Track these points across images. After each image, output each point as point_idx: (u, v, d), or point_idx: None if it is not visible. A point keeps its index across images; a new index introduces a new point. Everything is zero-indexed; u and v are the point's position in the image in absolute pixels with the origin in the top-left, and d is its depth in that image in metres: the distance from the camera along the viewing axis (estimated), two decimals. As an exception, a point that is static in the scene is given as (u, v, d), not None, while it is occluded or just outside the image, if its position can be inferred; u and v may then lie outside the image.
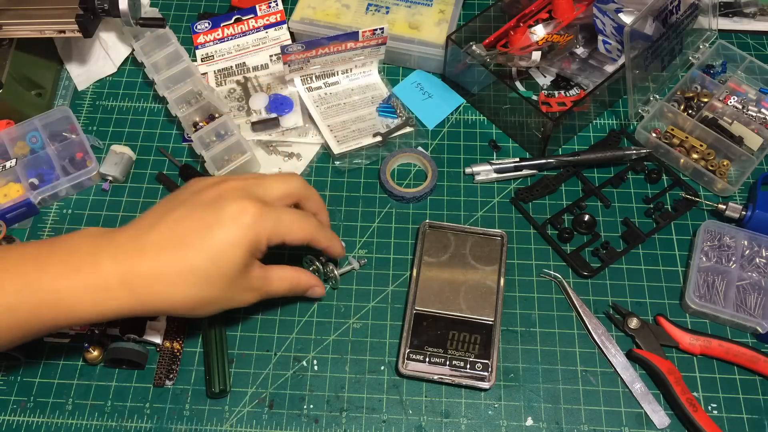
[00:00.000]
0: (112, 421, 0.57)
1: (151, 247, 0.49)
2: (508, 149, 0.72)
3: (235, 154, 0.68)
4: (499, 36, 0.75)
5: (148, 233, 0.49)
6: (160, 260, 0.48)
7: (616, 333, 0.61)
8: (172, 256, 0.48)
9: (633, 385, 0.58)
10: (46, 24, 0.69)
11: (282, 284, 0.55)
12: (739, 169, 0.69)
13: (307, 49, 0.69)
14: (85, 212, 0.68)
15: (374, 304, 0.63)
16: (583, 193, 0.69)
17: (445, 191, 0.69)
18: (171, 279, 0.48)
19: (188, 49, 0.77)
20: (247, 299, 0.53)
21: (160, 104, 0.75)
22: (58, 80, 0.77)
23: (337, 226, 0.67)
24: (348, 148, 0.70)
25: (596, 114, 0.74)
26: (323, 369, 0.60)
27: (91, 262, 0.48)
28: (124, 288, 0.48)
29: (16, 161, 0.68)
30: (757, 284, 0.62)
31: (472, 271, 0.62)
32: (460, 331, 0.59)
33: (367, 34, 0.69)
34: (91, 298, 0.47)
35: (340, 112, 0.73)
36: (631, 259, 0.65)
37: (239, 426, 0.57)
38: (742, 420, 0.57)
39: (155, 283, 0.48)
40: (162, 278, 0.48)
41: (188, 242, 0.48)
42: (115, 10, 0.69)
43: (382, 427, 0.57)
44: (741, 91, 0.73)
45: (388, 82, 0.76)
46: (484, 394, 0.58)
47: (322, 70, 0.73)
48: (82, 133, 0.70)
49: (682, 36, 0.73)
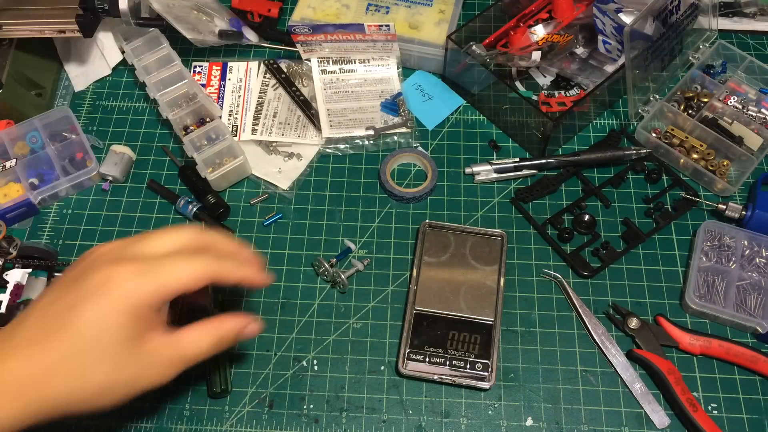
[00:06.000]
0: (112, 421, 0.57)
1: (22, 342, 0.43)
2: (508, 149, 0.72)
3: (227, 157, 0.68)
4: (499, 36, 0.75)
5: (18, 327, 0.44)
6: (34, 355, 0.43)
7: (616, 333, 0.61)
8: (43, 348, 0.43)
9: (633, 385, 0.58)
10: (46, 24, 0.69)
11: (201, 344, 0.47)
12: (739, 169, 0.69)
13: (315, 33, 0.70)
14: (85, 212, 0.69)
15: (374, 304, 0.63)
16: (583, 193, 0.69)
17: (445, 191, 0.69)
18: (47, 374, 0.42)
19: (185, 51, 0.77)
20: (162, 374, 0.46)
21: (160, 104, 0.76)
22: (58, 80, 0.77)
23: (337, 226, 0.67)
24: (338, 134, 0.71)
25: (596, 114, 0.74)
26: (323, 369, 0.60)
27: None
28: (4, 396, 0.42)
29: (16, 161, 0.68)
30: (757, 284, 0.62)
31: (472, 271, 0.62)
32: (460, 331, 0.59)
33: (373, 29, 0.70)
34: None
35: (344, 99, 0.73)
36: (631, 259, 0.65)
37: (239, 426, 0.57)
38: (742, 420, 0.57)
39: (32, 382, 0.42)
40: (38, 375, 0.42)
41: (56, 328, 0.43)
42: (115, 10, 0.69)
43: (382, 427, 0.57)
44: (741, 91, 0.73)
45: (403, 80, 0.76)
46: (484, 394, 0.58)
47: (337, 56, 0.75)
48: (82, 133, 0.70)
49: (682, 36, 0.73)
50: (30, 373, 0.42)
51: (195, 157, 0.67)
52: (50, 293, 0.46)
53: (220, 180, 0.67)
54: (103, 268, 0.44)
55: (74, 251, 0.66)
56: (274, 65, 0.77)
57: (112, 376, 0.44)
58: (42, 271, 0.61)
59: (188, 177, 0.69)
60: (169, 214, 0.68)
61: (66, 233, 0.67)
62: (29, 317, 0.45)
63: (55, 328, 0.43)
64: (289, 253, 0.65)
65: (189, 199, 0.67)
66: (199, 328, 0.48)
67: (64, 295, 0.44)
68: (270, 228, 0.67)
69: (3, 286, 0.61)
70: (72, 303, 0.43)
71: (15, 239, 0.65)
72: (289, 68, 0.77)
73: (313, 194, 0.69)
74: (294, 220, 0.68)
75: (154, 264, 0.44)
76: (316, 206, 0.68)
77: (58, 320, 0.43)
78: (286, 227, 0.67)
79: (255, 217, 0.68)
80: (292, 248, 0.66)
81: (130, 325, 0.43)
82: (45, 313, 0.44)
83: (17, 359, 0.43)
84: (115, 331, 0.43)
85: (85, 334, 0.43)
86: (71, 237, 0.67)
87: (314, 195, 0.69)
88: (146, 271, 0.44)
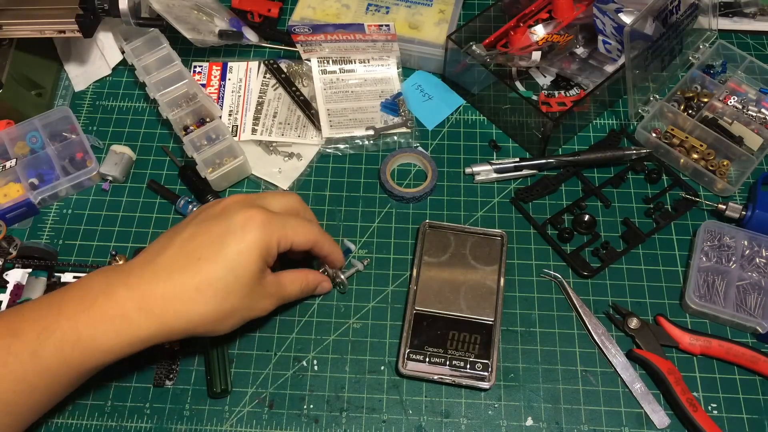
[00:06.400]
0: (112, 421, 0.57)
1: (164, 268, 0.49)
2: (508, 149, 0.72)
3: (227, 157, 0.68)
4: (499, 36, 0.75)
5: (159, 256, 0.50)
6: (175, 279, 0.48)
7: (616, 333, 0.61)
8: (186, 272, 0.48)
9: (633, 385, 0.58)
10: (46, 24, 0.69)
11: (294, 286, 0.56)
12: (739, 169, 0.69)
13: (315, 33, 0.70)
14: (85, 212, 0.69)
15: (374, 304, 0.63)
16: (583, 193, 0.69)
17: (445, 191, 0.69)
18: (189, 295, 0.48)
19: (185, 51, 0.77)
20: (266, 306, 0.54)
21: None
22: (58, 80, 0.77)
23: (337, 226, 0.67)
24: (338, 134, 0.71)
25: (596, 114, 0.74)
26: (323, 369, 0.60)
27: (105, 293, 0.48)
28: (143, 313, 0.47)
29: (16, 161, 0.68)
30: (757, 284, 0.62)
31: (472, 271, 0.62)
32: (460, 331, 0.59)
33: (373, 28, 0.70)
34: (112, 329, 0.47)
35: (344, 99, 0.73)
36: (631, 259, 0.65)
37: (239, 426, 0.57)
38: (742, 420, 0.57)
39: (174, 302, 0.48)
40: (180, 296, 0.48)
41: (201, 256, 0.49)
42: (115, 10, 0.69)
43: (382, 427, 0.57)
44: (741, 91, 0.73)
45: (403, 81, 0.76)
46: (484, 394, 0.58)
47: (337, 56, 0.75)
48: (82, 133, 0.70)
49: (682, 36, 0.73)
50: (173, 294, 0.48)
51: (195, 157, 0.67)
52: (187, 228, 0.51)
53: (220, 180, 0.67)
54: (245, 210, 0.50)
55: (74, 251, 0.66)
56: (274, 65, 0.77)
57: (238, 303, 0.50)
58: (42, 271, 0.61)
59: (188, 177, 0.69)
60: (169, 214, 0.68)
61: (66, 233, 0.67)
62: (170, 246, 0.50)
63: (201, 255, 0.49)
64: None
65: (189, 199, 0.67)
66: (293, 273, 0.57)
67: (207, 230, 0.50)
68: (270, 228, 0.67)
69: (3, 286, 0.60)
70: (219, 235, 0.49)
71: (15, 239, 0.65)
72: (289, 68, 0.77)
73: (313, 194, 0.69)
74: (294, 220, 0.68)
75: (281, 218, 0.52)
76: (316, 206, 0.68)
77: (204, 249, 0.49)
78: (286, 227, 0.67)
79: (255, 217, 0.68)
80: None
81: (260, 260, 0.50)
82: (188, 243, 0.50)
83: (163, 281, 0.48)
84: (251, 263, 0.49)
85: (228, 263, 0.49)
86: (71, 237, 0.67)
87: (314, 195, 0.69)
88: (276, 221, 0.51)
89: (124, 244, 0.66)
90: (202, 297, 0.48)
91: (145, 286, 0.48)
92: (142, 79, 0.72)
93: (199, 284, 0.48)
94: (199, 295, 0.48)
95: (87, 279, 0.50)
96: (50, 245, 0.66)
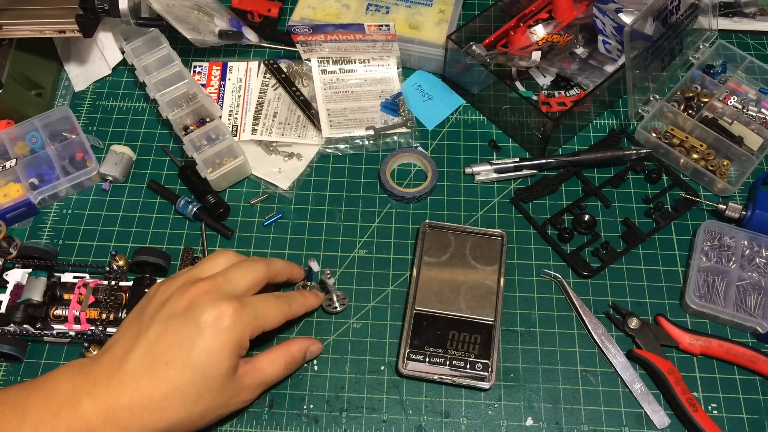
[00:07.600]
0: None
1: (131, 376, 0.46)
2: (508, 149, 0.72)
3: (227, 157, 0.68)
4: (499, 36, 0.75)
5: (125, 361, 0.47)
6: (143, 388, 0.46)
7: (616, 333, 0.61)
8: (154, 380, 0.46)
9: (633, 385, 0.58)
10: (46, 24, 0.69)
11: (276, 366, 0.54)
12: (739, 169, 0.69)
13: (315, 33, 0.70)
14: (85, 212, 0.69)
15: (374, 304, 0.63)
16: (583, 193, 0.69)
17: (445, 191, 0.69)
18: (158, 404, 0.46)
19: (185, 51, 0.77)
20: (244, 398, 0.52)
21: (160, 104, 0.76)
22: (58, 80, 0.77)
23: (337, 226, 0.67)
24: (338, 134, 0.71)
25: (596, 114, 0.74)
26: (323, 369, 0.60)
27: (70, 403, 0.45)
28: (109, 425, 0.45)
29: (16, 161, 0.68)
30: (757, 284, 0.62)
31: (472, 271, 0.62)
32: (460, 331, 0.59)
33: (373, 28, 0.70)
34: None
35: (344, 99, 0.73)
36: (631, 259, 0.65)
37: (239, 426, 0.57)
38: (742, 420, 0.57)
39: (142, 412, 0.46)
40: (147, 406, 0.46)
41: (169, 361, 0.47)
42: (115, 10, 0.69)
43: (382, 427, 0.57)
44: (741, 91, 0.73)
45: (403, 81, 0.76)
46: (484, 394, 0.58)
47: (337, 56, 0.74)
48: (82, 133, 0.70)
49: (682, 36, 0.73)
50: (141, 405, 0.46)
51: (195, 157, 0.67)
52: (154, 325, 0.48)
53: (220, 180, 0.68)
54: (214, 305, 0.48)
55: (74, 251, 0.66)
56: (274, 65, 0.77)
57: (210, 404, 0.49)
58: (42, 271, 0.61)
59: (188, 177, 0.69)
60: (169, 214, 0.68)
61: (66, 233, 0.67)
62: (136, 349, 0.47)
63: (169, 360, 0.47)
64: (289, 253, 0.65)
65: (189, 199, 0.67)
66: (272, 353, 0.54)
67: (175, 330, 0.48)
68: (270, 228, 0.67)
69: (3, 286, 0.61)
70: (188, 336, 0.47)
71: (15, 239, 0.65)
72: (289, 68, 0.77)
73: (313, 194, 0.69)
74: (294, 220, 0.68)
75: (251, 305, 0.50)
76: (316, 206, 0.68)
77: (173, 352, 0.47)
78: (286, 227, 0.67)
79: (255, 217, 0.68)
80: (292, 248, 0.66)
81: (233, 357, 0.48)
82: (155, 346, 0.47)
83: (130, 391, 0.46)
84: (223, 362, 0.48)
85: (197, 367, 0.47)
86: (71, 237, 0.67)
87: (314, 195, 0.69)
88: (246, 313, 0.49)
89: (124, 244, 0.66)
90: (171, 404, 0.46)
91: (112, 397, 0.46)
92: (142, 79, 0.72)
93: (167, 392, 0.46)
94: (168, 403, 0.46)
95: (52, 379, 0.47)
96: (50, 245, 0.66)
